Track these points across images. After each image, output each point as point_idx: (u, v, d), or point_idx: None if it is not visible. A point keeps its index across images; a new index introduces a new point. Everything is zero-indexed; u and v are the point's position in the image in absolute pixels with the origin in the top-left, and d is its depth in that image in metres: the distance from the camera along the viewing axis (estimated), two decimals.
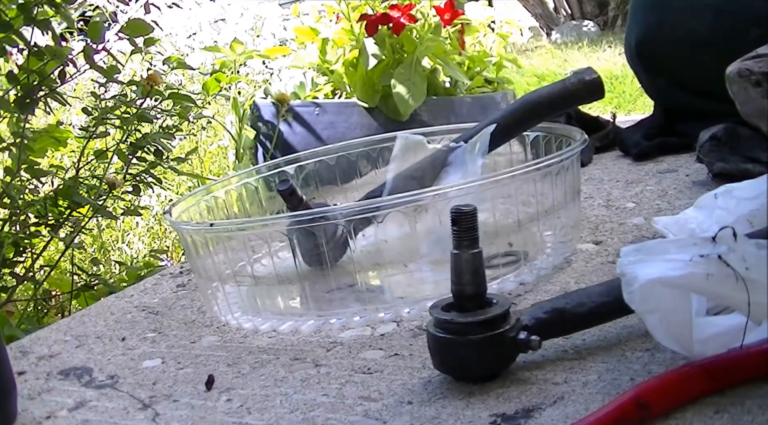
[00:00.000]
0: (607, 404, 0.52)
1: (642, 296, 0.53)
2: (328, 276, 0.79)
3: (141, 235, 2.48)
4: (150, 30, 1.48)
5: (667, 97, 1.36)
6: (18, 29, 1.37)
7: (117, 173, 1.64)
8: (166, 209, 0.89)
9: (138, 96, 1.57)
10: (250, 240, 0.81)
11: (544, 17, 6.88)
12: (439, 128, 1.06)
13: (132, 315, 0.91)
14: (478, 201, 0.73)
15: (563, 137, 0.94)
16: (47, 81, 1.42)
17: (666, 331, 0.54)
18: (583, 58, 5.05)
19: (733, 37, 1.18)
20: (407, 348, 0.71)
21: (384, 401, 0.61)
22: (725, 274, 0.51)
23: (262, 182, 1.04)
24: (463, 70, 1.91)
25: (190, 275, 1.03)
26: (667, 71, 1.32)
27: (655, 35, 1.31)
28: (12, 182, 1.44)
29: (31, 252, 1.57)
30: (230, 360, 0.74)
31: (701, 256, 0.52)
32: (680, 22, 1.27)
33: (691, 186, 1.08)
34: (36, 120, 2.52)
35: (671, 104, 1.35)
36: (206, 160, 2.91)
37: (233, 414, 0.63)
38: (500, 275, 0.81)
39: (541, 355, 0.64)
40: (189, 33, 4.07)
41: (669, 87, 1.33)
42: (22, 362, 0.80)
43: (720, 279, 0.51)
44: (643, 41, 1.33)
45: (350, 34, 1.86)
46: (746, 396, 0.53)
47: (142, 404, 0.67)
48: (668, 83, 1.33)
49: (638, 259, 0.54)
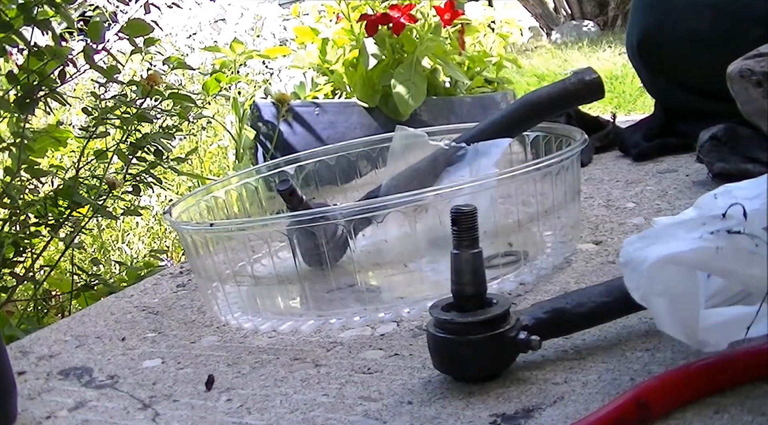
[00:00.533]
0: (607, 404, 0.52)
1: (650, 278, 0.53)
2: (328, 276, 0.79)
3: (141, 235, 2.49)
4: (150, 30, 1.48)
5: (668, 97, 1.36)
6: (18, 29, 1.37)
7: (117, 173, 1.64)
8: (166, 209, 0.89)
9: (138, 96, 1.57)
10: (250, 240, 0.81)
11: (544, 17, 6.88)
12: (439, 128, 1.06)
13: (132, 315, 0.91)
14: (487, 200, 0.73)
15: (563, 137, 0.94)
16: (47, 81, 1.42)
17: (672, 318, 0.54)
18: (583, 58, 5.05)
19: (734, 36, 1.18)
20: (407, 348, 0.71)
21: (384, 401, 0.61)
22: (735, 248, 0.51)
23: (262, 182, 1.04)
24: (463, 70, 1.91)
25: (190, 275, 1.03)
26: (668, 70, 1.32)
27: (655, 34, 1.31)
28: (12, 182, 1.44)
29: (31, 252, 1.57)
30: (230, 360, 0.74)
31: (711, 233, 0.52)
32: (681, 21, 1.27)
33: (691, 186, 1.08)
34: (36, 120, 2.52)
35: (672, 103, 1.35)
36: (206, 160, 2.91)
37: (233, 414, 0.63)
38: (500, 275, 0.81)
39: (541, 355, 0.64)
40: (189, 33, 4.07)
41: (669, 86, 1.33)
42: (22, 362, 0.80)
43: (730, 252, 0.51)
44: (643, 40, 1.33)
45: (350, 34, 1.86)
46: (746, 396, 0.53)
47: (142, 404, 0.67)
48: (669, 82, 1.33)
49: (645, 244, 0.54)
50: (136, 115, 1.55)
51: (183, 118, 1.72)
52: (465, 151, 0.96)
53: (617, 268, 0.81)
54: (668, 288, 0.53)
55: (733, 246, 0.51)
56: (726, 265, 0.52)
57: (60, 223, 1.53)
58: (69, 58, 1.43)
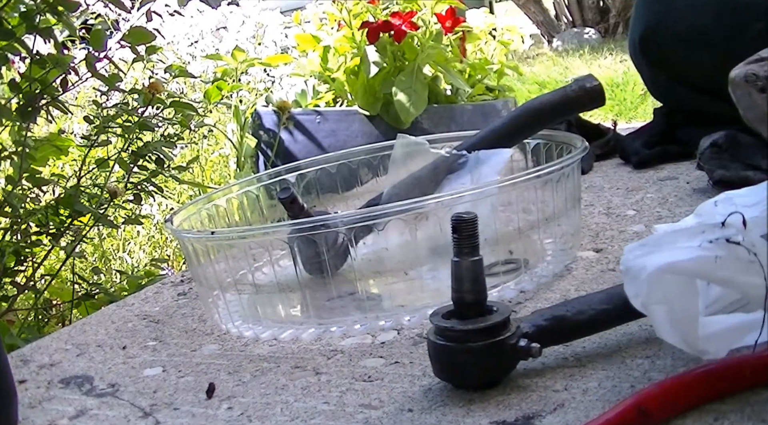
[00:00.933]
0: (607, 411, 0.52)
1: (650, 286, 0.53)
2: (328, 284, 0.79)
3: (142, 244, 2.49)
4: (152, 38, 1.48)
5: (668, 94, 1.36)
6: (20, 37, 1.37)
7: (118, 182, 1.64)
8: (168, 218, 0.89)
9: (139, 104, 1.57)
10: (251, 249, 0.81)
11: (545, 24, 6.89)
12: (440, 136, 1.06)
13: (133, 323, 0.91)
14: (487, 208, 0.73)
15: (564, 144, 0.94)
16: (49, 89, 1.42)
17: (672, 326, 0.54)
18: (584, 65, 5.06)
19: (735, 32, 1.18)
20: (408, 355, 0.71)
21: (384, 409, 0.61)
22: (734, 257, 0.51)
23: (263, 190, 1.04)
24: (464, 78, 1.91)
25: (191, 283, 1.03)
26: (669, 66, 1.32)
27: (657, 30, 1.31)
28: (13, 191, 1.44)
29: (32, 262, 1.57)
30: (231, 369, 0.74)
31: (710, 242, 0.52)
32: (682, 17, 1.27)
33: (691, 193, 1.08)
34: (38, 128, 2.52)
35: (672, 101, 1.35)
36: (207, 169, 2.91)
37: (234, 422, 0.63)
38: (500, 283, 0.81)
39: (541, 363, 0.64)
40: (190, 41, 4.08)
41: (670, 83, 1.33)
42: (23, 371, 0.80)
43: (729, 261, 0.51)
44: (645, 36, 1.33)
45: (351, 42, 1.86)
46: (746, 403, 0.53)
47: (142, 412, 0.67)
48: (669, 79, 1.33)
49: (645, 252, 0.54)
50: (137, 123, 1.56)
51: (184, 126, 1.72)
52: (466, 158, 0.97)
53: (617, 276, 0.81)
54: (668, 296, 0.53)
55: (732, 256, 0.51)
56: (725, 274, 0.52)
57: (61, 232, 1.53)
58: (71, 66, 1.44)
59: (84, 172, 1.64)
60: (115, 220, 1.73)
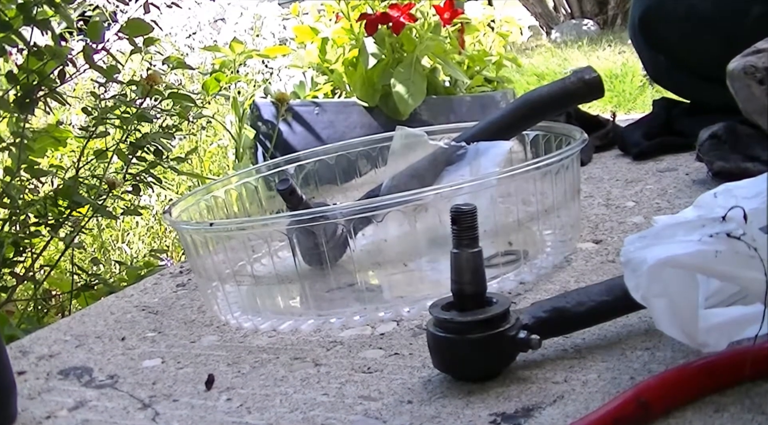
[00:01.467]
0: (607, 403, 0.52)
1: (650, 279, 0.53)
2: (328, 275, 0.79)
3: (141, 235, 2.48)
4: (150, 29, 1.48)
5: (667, 77, 1.35)
6: (17, 29, 1.37)
7: (117, 173, 1.64)
8: (166, 209, 0.89)
9: (138, 96, 1.57)
10: (250, 240, 0.81)
11: (543, 16, 6.88)
12: (438, 127, 1.06)
13: (132, 314, 0.91)
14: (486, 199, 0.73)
15: (563, 136, 0.94)
16: (47, 81, 1.42)
17: (672, 318, 0.54)
18: (582, 56, 5.05)
19: (734, 14, 1.18)
20: (407, 347, 0.71)
21: (384, 400, 0.61)
22: (734, 251, 0.51)
23: (261, 181, 1.04)
24: (462, 69, 1.91)
25: (189, 275, 1.03)
26: (668, 48, 1.31)
27: (657, 11, 1.30)
28: (12, 182, 1.44)
29: (31, 252, 1.57)
30: (230, 360, 0.74)
31: (710, 236, 0.52)
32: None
33: (690, 185, 1.08)
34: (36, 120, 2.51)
35: (670, 85, 1.35)
36: (206, 160, 2.91)
37: (233, 413, 0.63)
38: (500, 274, 0.80)
39: (541, 354, 0.64)
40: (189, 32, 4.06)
41: (669, 66, 1.32)
42: (22, 362, 0.80)
43: (729, 256, 0.51)
44: (645, 17, 1.32)
45: (350, 34, 1.86)
46: (746, 394, 0.53)
47: (142, 404, 0.67)
48: (668, 61, 1.32)
49: (645, 245, 0.54)
50: (135, 114, 1.55)
51: (183, 117, 1.72)
52: (465, 150, 0.96)
53: (617, 267, 0.81)
54: (667, 289, 0.53)
55: (732, 250, 0.51)
56: (725, 269, 0.52)
57: (60, 223, 1.53)
58: (68, 57, 1.43)
59: (82, 163, 1.64)
60: (113, 211, 1.73)
